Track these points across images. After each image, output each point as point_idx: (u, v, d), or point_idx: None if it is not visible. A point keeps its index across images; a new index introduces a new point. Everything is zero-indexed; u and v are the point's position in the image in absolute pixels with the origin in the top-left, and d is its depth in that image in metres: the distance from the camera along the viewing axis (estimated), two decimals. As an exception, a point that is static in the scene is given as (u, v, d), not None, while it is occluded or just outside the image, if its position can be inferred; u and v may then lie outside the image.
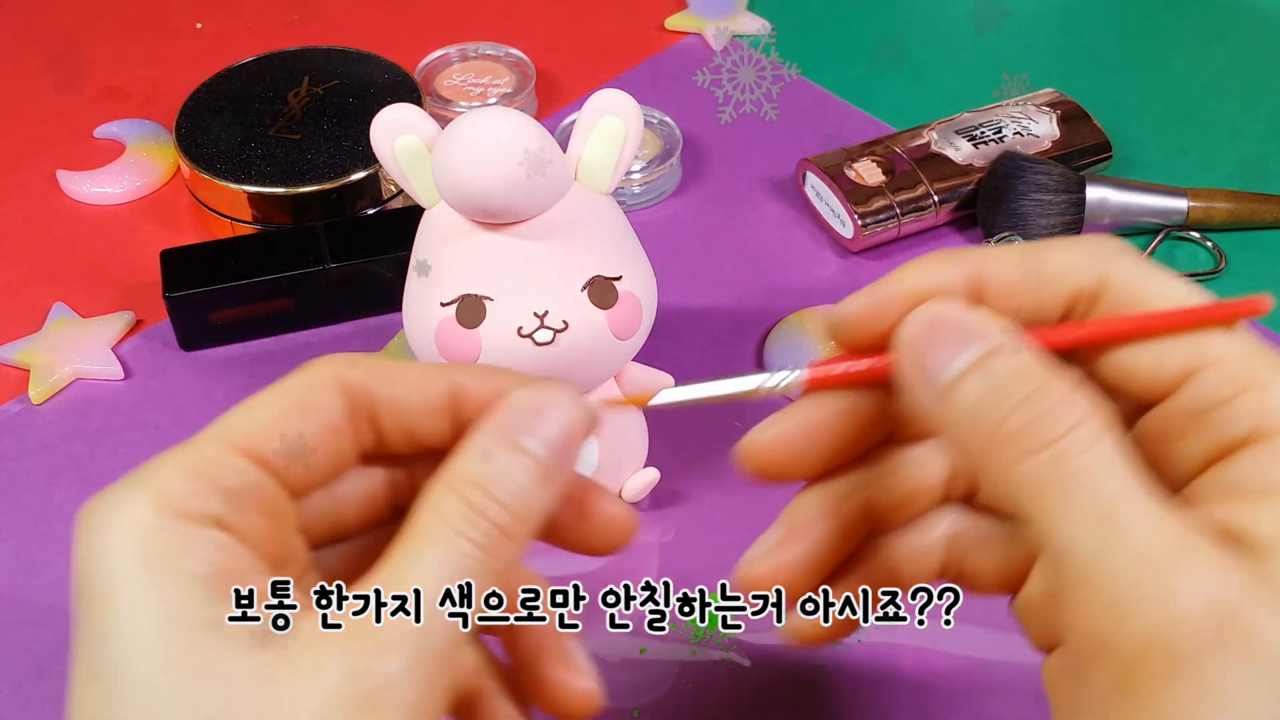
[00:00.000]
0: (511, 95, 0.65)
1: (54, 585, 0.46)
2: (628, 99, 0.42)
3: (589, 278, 0.41)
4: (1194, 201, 0.59)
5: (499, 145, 0.38)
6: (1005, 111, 0.63)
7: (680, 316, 0.56)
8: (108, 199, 0.62)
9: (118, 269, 0.59)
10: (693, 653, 0.43)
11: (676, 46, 0.72)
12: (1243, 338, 0.27)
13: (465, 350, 0.40)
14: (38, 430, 0.51)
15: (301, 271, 0.53)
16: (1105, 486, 0.24)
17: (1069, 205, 0.58)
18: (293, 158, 0.58)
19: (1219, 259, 0.59)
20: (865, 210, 0.57)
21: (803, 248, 0.60)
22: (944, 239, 0.60)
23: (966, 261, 0.28)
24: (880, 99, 0.68)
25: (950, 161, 0.60)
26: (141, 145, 0.64)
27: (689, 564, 0.47)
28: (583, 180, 0.42)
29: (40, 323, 0.55)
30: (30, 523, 0.48)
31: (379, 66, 0.63)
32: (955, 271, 0.28)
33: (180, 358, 0.54)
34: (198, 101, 0.61)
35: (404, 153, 0.42)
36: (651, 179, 0.61)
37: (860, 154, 0.60)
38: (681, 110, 0.66)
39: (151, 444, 0.51)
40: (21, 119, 0.68)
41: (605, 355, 0.42)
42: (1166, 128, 0.67)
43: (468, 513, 0.26)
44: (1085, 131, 0.62)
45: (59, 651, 0.44)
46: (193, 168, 0.58)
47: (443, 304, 0.40)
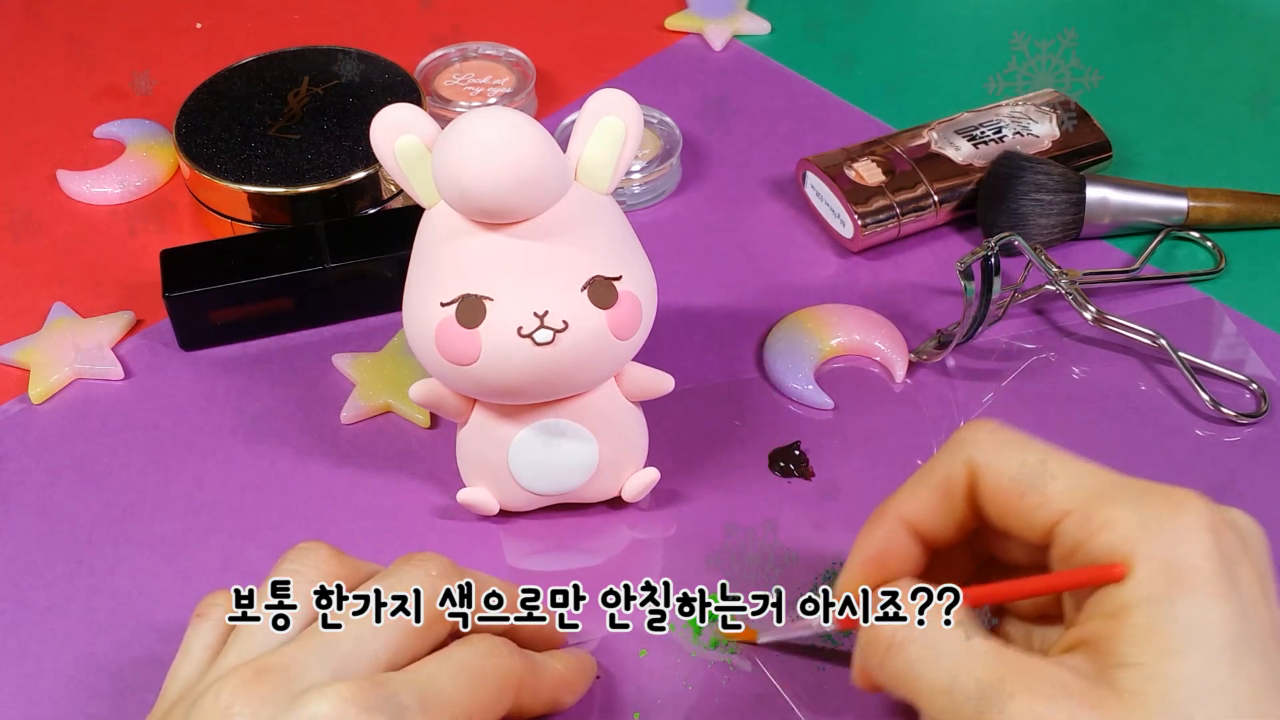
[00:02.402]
0: (511, 95, 0.65)
1: (54, 585, 0.46)
2: (628, 99, 0.42)
3: (589, 277, 0.41)
4: (1194, 201, 0.59)
5: (499, 145, 0.38)
6: (1005, 111, 0.62)
7: (680, 316, 0.56)
8: (108, 199, 0.62)
9: (118, 269, 0.59)
10: (693, 654, 0.43)
11: (676, 46, 0.72)
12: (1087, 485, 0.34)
13: (465, 350, 0.40)
14: (38, 430, 0.51)
15: (301, 271, 0.53)
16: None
17: (1069, 205, 0.58)
18: (293, 158, 0.58)
19: (1219, 259, 0.59)
20: (865, 210, 0.57)
21: (803, 248, 0.60)
22: (944, 239, 0.60)
23: (892, 515, 0.37)
24: (880, 99, 0.68)
25: (950, 161, 0.60)
26: (141, 145, 0.64)
27: (689, 564, 0.47)
28: (583, 180, 0.42)
29: (40, 323, 0.55)
30: (30, 523, 0.48)
31: (379, 66, 0.63)
32: (890, 528, 0.37)
33: (180, 358, 0.54)
34: (198, 101, 0.61)
35: (404, 153, 0.42)
36: (651, 179, 0.61)
37: (860, 154, 0.60)
38: (681, 110, 0.66)
39: (151, 444, 0.51)
40: (21, 119, 0.68)
41: (605, 355, 0.42)
42: (1166, 128, 0.67)
43: None
44: (1085, 131, 0.62)
45: (60, 652, 0.44)
46: (193, 168, 0.58)
47: (443, 304, 0.40)
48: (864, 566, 0.37)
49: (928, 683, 0.32)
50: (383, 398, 0.51)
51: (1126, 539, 0.31)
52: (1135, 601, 0.31)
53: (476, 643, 0.36)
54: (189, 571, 0.46)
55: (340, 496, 0.49)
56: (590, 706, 0.42)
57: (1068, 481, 0.33)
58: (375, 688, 0.32)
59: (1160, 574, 0.31)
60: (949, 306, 0.57)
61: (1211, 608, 0.30)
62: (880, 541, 0.37)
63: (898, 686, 0.33)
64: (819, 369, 0.53)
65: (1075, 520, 0.33)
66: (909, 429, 0.51)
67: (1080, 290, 0.55)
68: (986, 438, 0.35)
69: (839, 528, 0.47)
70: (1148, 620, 0.30)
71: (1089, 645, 0.31)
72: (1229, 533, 0.32)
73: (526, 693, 0.37)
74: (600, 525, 0.48)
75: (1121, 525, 0.32)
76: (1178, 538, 0.31)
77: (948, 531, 0.37)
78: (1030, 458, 0.34)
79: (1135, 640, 0.30)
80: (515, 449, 0.45)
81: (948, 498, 0.36)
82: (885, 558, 0.37)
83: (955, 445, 0.36)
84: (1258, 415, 0.52)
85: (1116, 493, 0.32)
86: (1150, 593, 0.30)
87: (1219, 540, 0.31)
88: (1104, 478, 0.33)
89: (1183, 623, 0.30)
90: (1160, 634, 0.30)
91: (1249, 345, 0.55)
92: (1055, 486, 0.33)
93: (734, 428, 0.51)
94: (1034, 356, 0.54)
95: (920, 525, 0.37)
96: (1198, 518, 0.31)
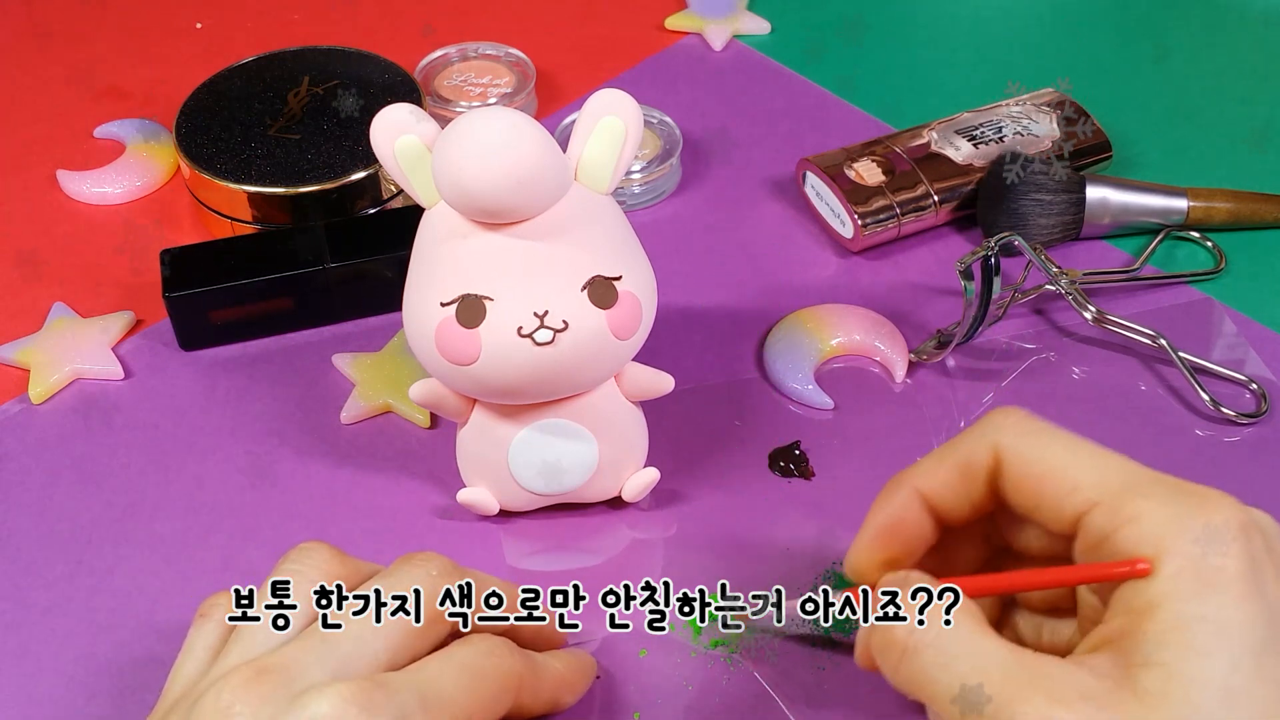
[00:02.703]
0: (511, 95, 0.65)
1: (54, 585, 0.46)
2: (628, 99, 0.42)
3: (589, 277, 0.41)
4: (1194, 201, 0.59)
5: (499, 145, 0.38)
6: (1005, 111, 0.62)
7: (680, 316, 0.56)
8: (108, 199, 0.62)
9: (118, 269, 0.59)
10: (693, 654, 0.43)
11: (676, 46, 0.72)
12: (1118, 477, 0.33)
13: (465, 350, 0.40)
14: (38, 430, 0.51)
15: (301, 271, 0.53)
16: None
17: (1069, 205, 0.58)
18: (293, 158, 0.58)
19: (1219, 259, 0.59)
20: (865, 210, 0.57)
21: (803, 248, 0.60)
22: (944, 239, 0.60)
23: (909, 486, 0.36)
24: (880, 99, 0.68)
25: (950, 161, 0.60)
26: (141, 145, 0.64)
27: (689, 564, 0.47)
28: (583, 180, 0.42)
29: (40, 323, 0.55)
30: (30, 523, 0.48)
31: (379, 66, 0.63)
32: (905, 498, 0.36)
33: (180, 358, 0.54)
34: (198, 101, 0.61)
35: (404, 153, 0.42)
36: (651, 179, 0.61)
37: (860, 154, 0.60)
38: (681, 110, 0.66)
39: (151, 444, 0.51)
40: (21, 119, 0.68)
41: (605, 355, 0.42)
42: (1166, 128, 0.67)
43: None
44: (1085, 131, 0.62)
45: (60, 652, 0.44)
46: (193, 168, 0.58)
47: (443, 304, 0.40)
48: (876, 535, 0.37)
49: (943, 687, 0.32)
50: (383, 398, 0.51)
51: (1155, 534, 0.31)
52: (1161, 598, 0.30)
53: (477, 642, 0.36)
54: (189, 571, 0.46)
55: (340, 496, 0.49)
56: (590, 706, 0.42)
57: (1097, 473, 0.33)
58: (375, 688, 0.32)
59: (1188, 572, 0.30)
60: (949, 306, 0.57)
61: (1238, 609, 0.30)
62: (895, 511, 0.37)
63: (913, 691, 0.33)
64: (819, 369, 0.53)
65: (1103, 512, 0.32)
66: (909, 429, 0.51)
67: (1080, 290, 0.55)
68: (1016, 424, 0.35)
69: (839, 528, 0.47)
70: (1174, 618, 0.30)
71: (1114, 644, 0.31)
72: (1257, 535, 0.31)
73: (527, 692, 0.37)
74: (600, 525, 0.48)
75: (1150, 520, 0.31)
76: (1208, 536, 0.31)
77: (962, 511, 0.36)
78: (1060, 446, 0.34)
79: (1160, 638, 0.30)
80: (515, 449, 0.45)
81: (968, 477, 0.35)
82: (898, 528, 0.37)
83: (983, 428, 0.35)
84: (1258, 415, 0.52)
85: (1147, 487, 0.32)
86: (1178, 589, 0.30)
87: (1248, 542, 0.31)
88: (1135, 471, 0.33)
89: (1210, 623, 0.30)
90: (1186, 633, 0.30)
91: (1249, 345, 0.55)
92: (1085, 477, 0.33)
93: (734, 428, 0.51)
94: (1034, 356, 0.54)
95: (936, 500, 0.36)
96: (1228, 518, 0.31)
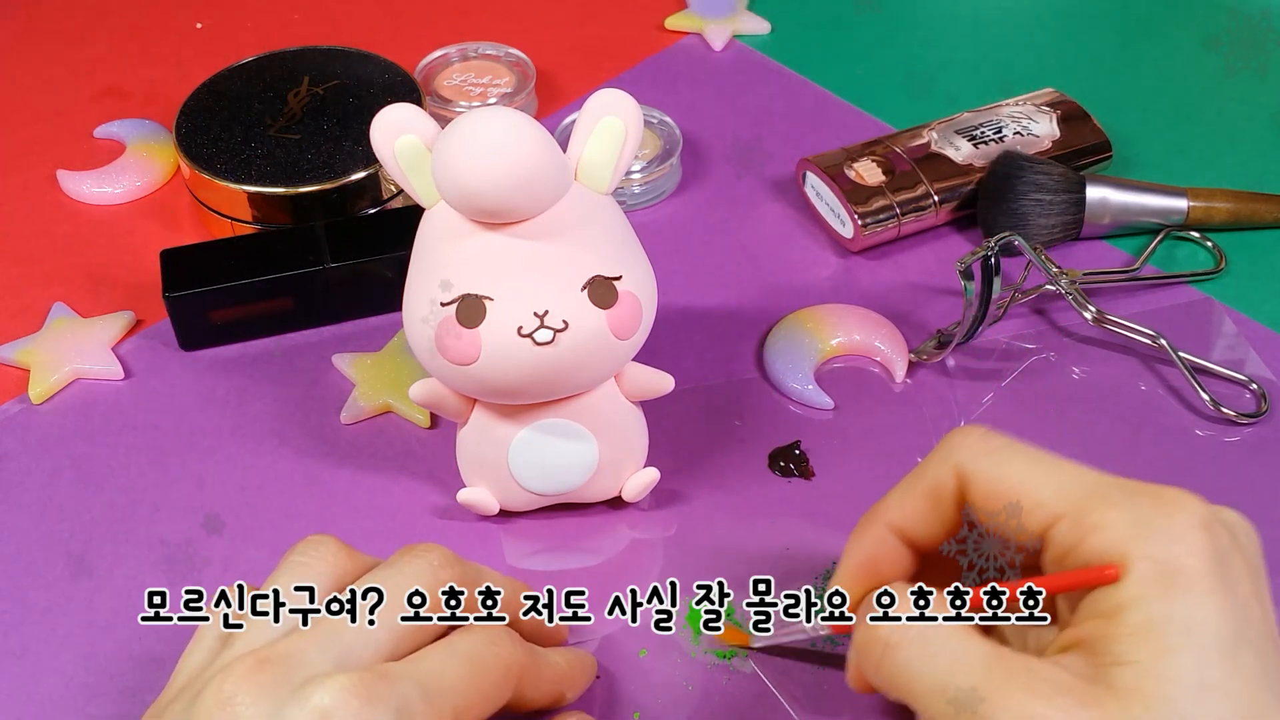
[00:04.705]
0: (511, 95, 0.65)
1: (54, 585, 0.46)
2: (628, 99, 0.42)
3: (589, 277, 0.41)
4: (1194, 201, 0.59)
5: (499, 145, 0.38)
6: (1005, 111, 0.62)
7: (680, 316, 0.56)
8: (108, 199, 0.62)
9: (118, 269, 0.59)
10: (693, 654, 0.43)
11: (676, 46, 0.72)
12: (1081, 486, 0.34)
13: (465, 350, 0.40)
14: (38, 430, 0.51)
15: (301, 271, 0.53)
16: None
17: (1069, 205, 0.58)
18: (293, 158, 0.58)
19: (1219, 259, 0.59)
20: (865, 210, 0.57)
21: (803, 248, 0.60)
22: (944, 239, 0.60)
23: (881, 521, 0.37)
24: (880, 99, 0.68)
25: (950, 161, 0.60)
26: (141, 145, 0.64)
27: (689, 564, 0.47)
28: (583, 180, 0.42)
29: (40, 323, 0.55)
30: (30, 523, 0.48)
31: (379, 66, 0.63)
32: (879, 535, 0.37)
33: (180, 358, 0.54)
34: (198, 101, 0.61)
35: (404, 153, 0.42)
36: (651, 179, 0.61)
37: (860, 154, 0.60)
38: (681, 110, 0.66)
39: (151, 444, 0.51)
40: (21, 119, 0.68)
41: (605, 355, 0.42)
42: (1166, 128, 0.67)
43: None
44: (1085, 131, 0.62)
45: (59, 652, 0.44)
46: (193, 168, 0.58)
47: (443, 304, 0.40)
48: (854, 572, 0.37)
49: (924, 683, 0.32)
50: (383, 398, 0.51)
51: (1120, 540, 0.31)
52: (1130, 601, 0.31)
53: (478, 632, 0.36)
54: (189, 572, 0.46)
55: (340, 496, 0.49)
56: (590, 706, 0.42)
57: (1058, 485, 0.33)
58: (377, 678, 0.32)
59: (1154, 573, 0.31)
60: (949, 306, 0.57)
61: (1206, 605, 0.30)
62: (870, 547, 0.37)
63: (894, 688, 0.33)
64: (819, 369, 0.53)
65: (1068, 524, 0.33)
66: (909, 429, 0.51)
67: (1080, 290, 0.55)
68: (975, 444, 0.35)
69: (839, 528, 0.47)
70: (1143, 619, 0.30)
71: (1084, 645, 0.31)
72: (1222, 531, 0.32)
73: (528, 683, 0.37)
74: (600, 525, 0.48)
75: (1114, 527, 0.32)
76: (1171, 537, 0.31)
77: (936, 536, 0.37)
78: (1020, 463, 0.34)
79: (1131, 639, 0.30)
80: (515, 449, 0.45)
81: (937, 504, 0.36)
82: (875, 563, 0.37)
83: (944, 451, 0.36)
84: (1258, 415, 0.52)
85: (1108, 494, 0.33)
86: (1145, 592, 0.31)
87: (1212, 539, 0.31)
88: (1094, 480, 0.33)
89: (1178, 621, 0.30)
90: (1156, 632, 0.30)
91: (1249, 345, 0.55)
92: (1046, 491, 0.33)
93: (734, 428, 0.51)
94: (1034, 356, 0.54)
95: (909, 531, 0.37)
96: (1190, 517, 0.31)
